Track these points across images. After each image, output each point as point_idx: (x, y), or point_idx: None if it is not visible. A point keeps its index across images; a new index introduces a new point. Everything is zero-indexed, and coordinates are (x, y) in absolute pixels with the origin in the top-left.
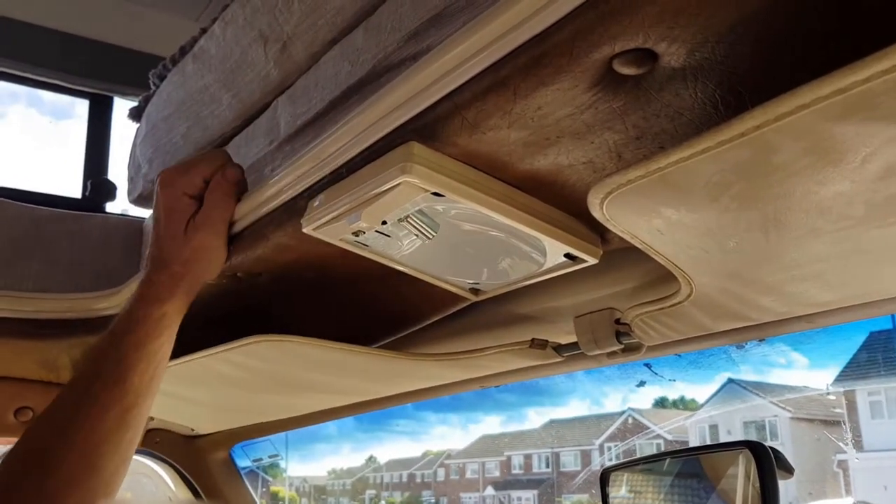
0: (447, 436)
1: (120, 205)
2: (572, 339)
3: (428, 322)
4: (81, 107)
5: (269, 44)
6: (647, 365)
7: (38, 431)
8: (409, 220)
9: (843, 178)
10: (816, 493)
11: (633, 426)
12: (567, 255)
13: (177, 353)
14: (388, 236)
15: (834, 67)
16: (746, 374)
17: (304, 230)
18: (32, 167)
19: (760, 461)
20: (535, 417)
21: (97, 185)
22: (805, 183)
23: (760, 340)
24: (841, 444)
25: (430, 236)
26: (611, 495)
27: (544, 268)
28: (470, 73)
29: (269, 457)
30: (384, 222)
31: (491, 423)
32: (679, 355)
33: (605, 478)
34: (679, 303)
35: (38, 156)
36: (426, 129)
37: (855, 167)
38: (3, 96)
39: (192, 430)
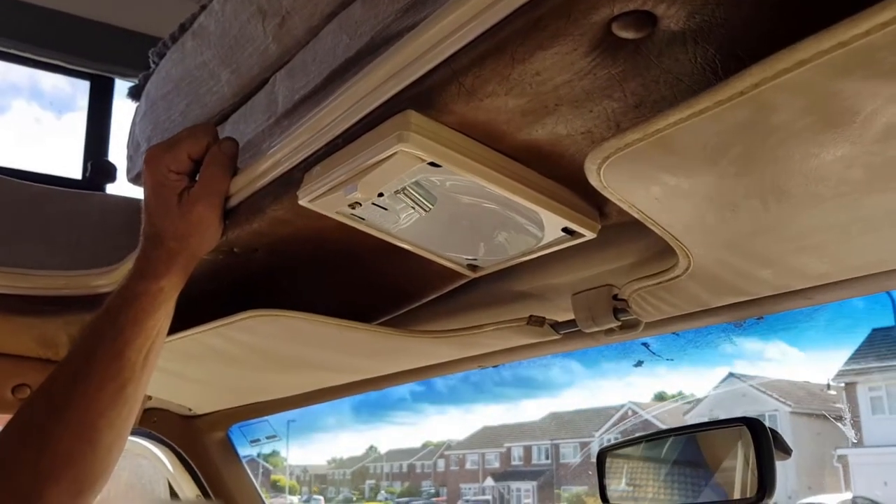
0: (445, 427)
1: (121, 188)
2: (570, 316)
3: (426, 299)
4: (82, 99)
5: (267, 18)
6: (645, 344)
7: (33, 408)
8: (405, 191)
9: (843, 140)
10: (815, 487)
11: (633, 419)
12: (565, 230)
13: (174, 328)
14: (385, 209)
15: None
16: (746, 369)
17: (301, 202)
18: (33, 160)
19: (758, 438)
20: (533, 410)
21: (97, 165)
22: (804, 145)
23: (759, 318)
24: (841, 428)
25: (427, 209)
26: (608, 476)
27: (542, 243)
28: (467, 38)
29: (267, 438)
30: (381, 194)
31: (490, 414)
32: (677, 334)
33: (602, 459)
34: (677, 276)
35: (39, 149)
36: (423, 96)
37: (855, 127)
38: (4, 89)
39: (190, 409)
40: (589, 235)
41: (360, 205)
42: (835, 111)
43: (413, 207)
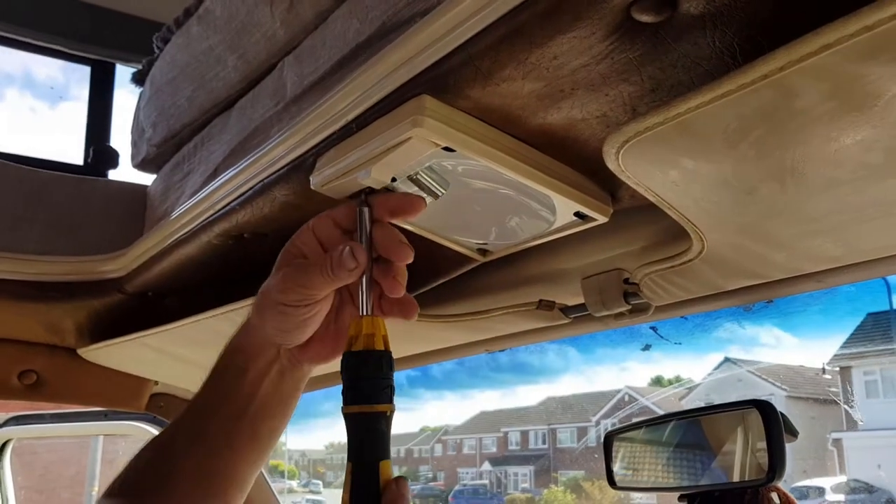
0: (442, 413)
1: (123, 173)
2: (579, 300)
3: (435, 283)
4: (77, 89)
5: (275, 3)
6: (653, 328)
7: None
8: (418, 176)
9: (865, 124)
10: (810, 470)
11: (629, 404)
12: (577, 214)
13: (182, 313)
14: None
15: None
16: (740, 354)
17: (313, 187)
18: (31, 148)
19: (768, 419)
20: (530, 395)
21: (99, 151)
22: (825, 128)
23: (769, 301)
24: (848, 410)
25: (440, 194)
26: (614, 460)
27: (554, 227)
28: (485, 22)
29: None
30: (393, 179)
31: (487, 400)
32: (684, 318)
33: (609, 442)
34: (690, 260)
35: (35, 138)
36: (438, 81)
37: (877, 111)
38: None
39: None
40: (601, 220)
41: (373, 189)
42: (857, 95)
43: (425, 192)
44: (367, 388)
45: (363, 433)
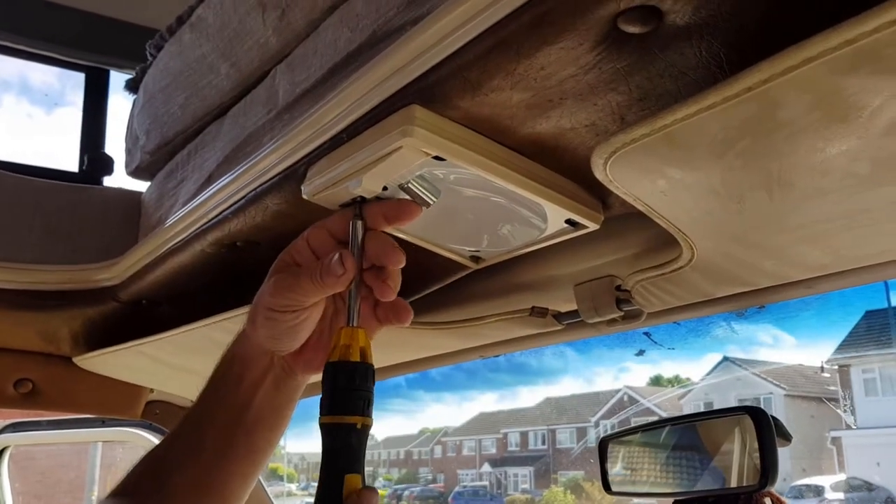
0: (442, 414)
1: (118, 180)
2: (572, 307)
3: (428, 291)
4: (72, 94)
5: (267, 11)
6: (647, 333)
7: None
8: (409, 185)
9: (849, 135)
10: (810, 469)
11: (628, 404)
12: (568, 221)
13: (177, 322)
14: None
15: None
16: (738, 353)
17: (304, 196)
18: (26, 154)
19: (760, 426)
20: (529, 396)
21: (94, 159)
22: (810, 139)
23: (760, 307)
24: (841, 414)
25: (431, 202)
26: (609, 464)
27: (545, 234)
28: (473, 33)
29: None
30: (385, 188)
31: (486, 401)
32: (678, 323)
33: (603, 447)
34: (680, 268)
35: (30, 144)
36: (428, 91)
37: (861, 122)
38: None
39: (192, 401)
40: (592, 227)
41: (365, 198)
42: (841, 107)
43: (417, 200)
44: (339, 399)
45: (333, 444)
